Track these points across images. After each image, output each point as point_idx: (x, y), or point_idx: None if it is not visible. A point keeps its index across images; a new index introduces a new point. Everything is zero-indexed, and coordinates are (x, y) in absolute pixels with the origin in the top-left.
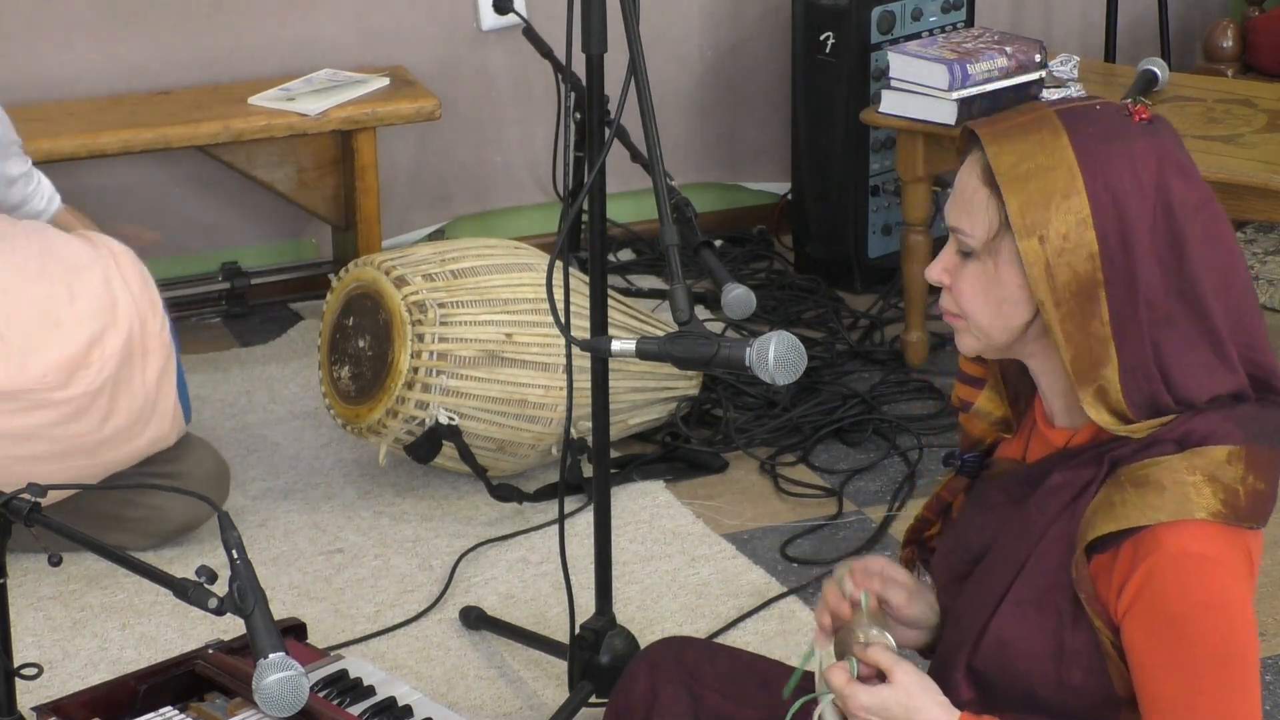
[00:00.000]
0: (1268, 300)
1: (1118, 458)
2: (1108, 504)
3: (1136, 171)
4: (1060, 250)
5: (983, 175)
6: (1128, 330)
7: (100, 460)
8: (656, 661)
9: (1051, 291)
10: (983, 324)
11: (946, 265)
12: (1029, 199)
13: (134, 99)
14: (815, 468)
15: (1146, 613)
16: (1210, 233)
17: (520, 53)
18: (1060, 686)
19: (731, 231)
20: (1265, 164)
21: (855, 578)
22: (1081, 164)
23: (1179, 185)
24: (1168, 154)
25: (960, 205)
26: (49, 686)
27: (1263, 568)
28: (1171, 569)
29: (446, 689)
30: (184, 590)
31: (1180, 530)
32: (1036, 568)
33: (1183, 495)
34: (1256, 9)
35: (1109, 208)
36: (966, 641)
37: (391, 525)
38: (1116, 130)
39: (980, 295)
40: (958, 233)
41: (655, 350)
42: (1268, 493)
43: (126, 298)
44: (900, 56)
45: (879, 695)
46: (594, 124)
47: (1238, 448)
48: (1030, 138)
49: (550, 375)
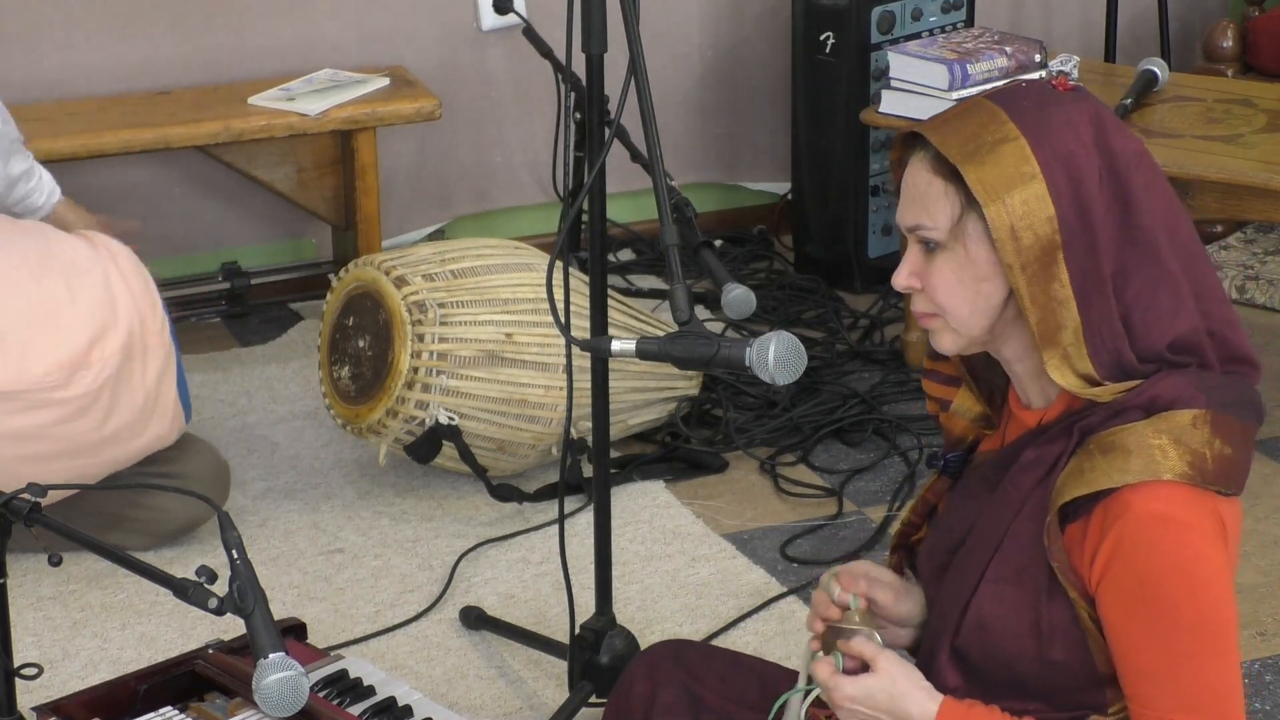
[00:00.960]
0: (1267, 300)
1: (1087, 427)
2: (1077, 471)
3: (1077, 133)
4: (1022, 215)
5: (933, 167)
6: (1088, 287)
7: (101, 459)
8: (655, 663)
9: (1018, 254)
10: (962, 313)
11: (913, 269)
12: (985, 172)
13: (134, 99)
14: (815, 468)
15: (1118, 579)
16: (1150, 182)
17: (520, 53)
18: (1042, 663)
19: (731, 231)
20: (1265, 164)
21: (841, 581)
22: (1025, 134)
23: (1117, 140)
24: (1099, 114)
25: (915, 203)
26: (49, 686)
27: (1262, 568)
28: (1140, 531)
29: (446, 689)
30: (184, 590)
31: (1147, 492)
32: (1012, 545)
33: (1149, 458)
34: (1256, 9)
35: (1059, 171)
36: (948, 625)
37: (391, 525)
38: (1048, 99)
39: (955, 283)
40: (919, 230)
41: (655, 350)
42: (1236, 458)
43: (126, 297)
44: (900, 56)
45: (863, 684)
46: (594, 124)
47: (1203, 411)
48: (971, 121)
49: (550, 375)
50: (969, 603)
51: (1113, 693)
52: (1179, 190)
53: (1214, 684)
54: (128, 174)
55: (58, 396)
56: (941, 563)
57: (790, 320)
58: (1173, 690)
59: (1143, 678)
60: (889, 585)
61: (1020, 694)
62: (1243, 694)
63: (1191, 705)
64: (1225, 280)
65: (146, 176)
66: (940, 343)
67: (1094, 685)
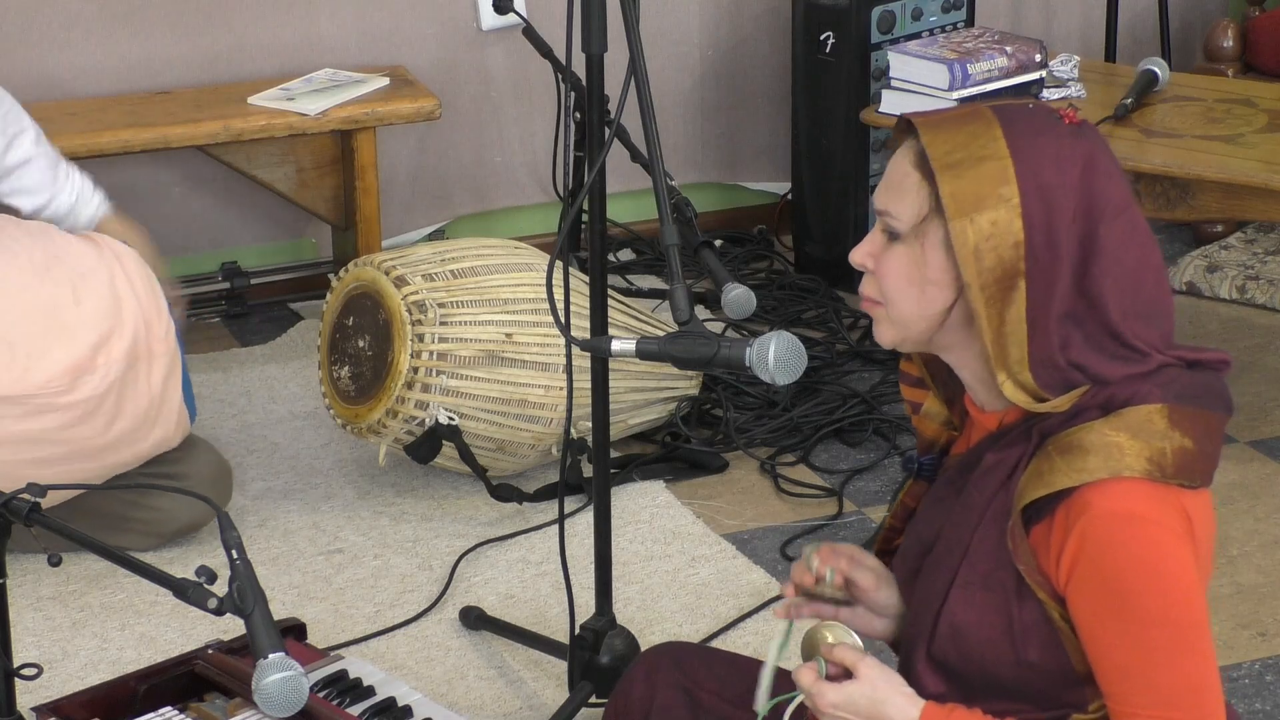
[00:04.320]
0: (1268, 300)
1: (1046, 429)
2: (1036, 473)
3: (1063, 169)
4: (989, 235)
5: (915, 161)
6: (1038, 322)
7: (105, 463)
8: (654, 665)
9: (978, 274)
10: (903, 309)
11: (871, 250)
12: (961, 185)
13: (134, 99)
14: (815, 468)
15: (1084, 578)
16: (1125, 237)
17: (520, 53)
18: (1019, 665)
19: (731, 231)
20: (1265, 164)
21: (822, 554)
22: (1014, 155)
23: (1102, 186)
24: (1093, 157)
25: (891, 189)
26: (49, 686)
27: (1263, 567)
28: (1102, 529)
29: (446, 689)
30: (184, 590)
31: (1108, 489)
32: (979, 549)
33: (1107, 455)
34: (1256, 9)
35: (1036, 200)
36: (923, 631)
37: (391, 525)
38: (1047, 127)
39: (904, 278)
40: (886, 215)
41: (655, 350)
42: (1198, 451)
43: (132, 301)
44: (900, 56)
45: (845, 691)
46: (594, 124)
47: (1160, 406)
48: (965, 129)
49: (550, 375)
50: (941, 609)
51: (1092, 691)
52: (1179, 190)
53: (1188, 678)
54: (127, 174)
55: (62, 401)
56: (914, 567)
57: (790, 320)
58: (1148, 686)
59: (1117, 675)
60: (872, 570)
61: (1000, 695)
62: (1220, 685)
63: (1167, 700)
64: (1225, 280)
65: (146, 176)
66: (880, 334)
67: (1072, 684)
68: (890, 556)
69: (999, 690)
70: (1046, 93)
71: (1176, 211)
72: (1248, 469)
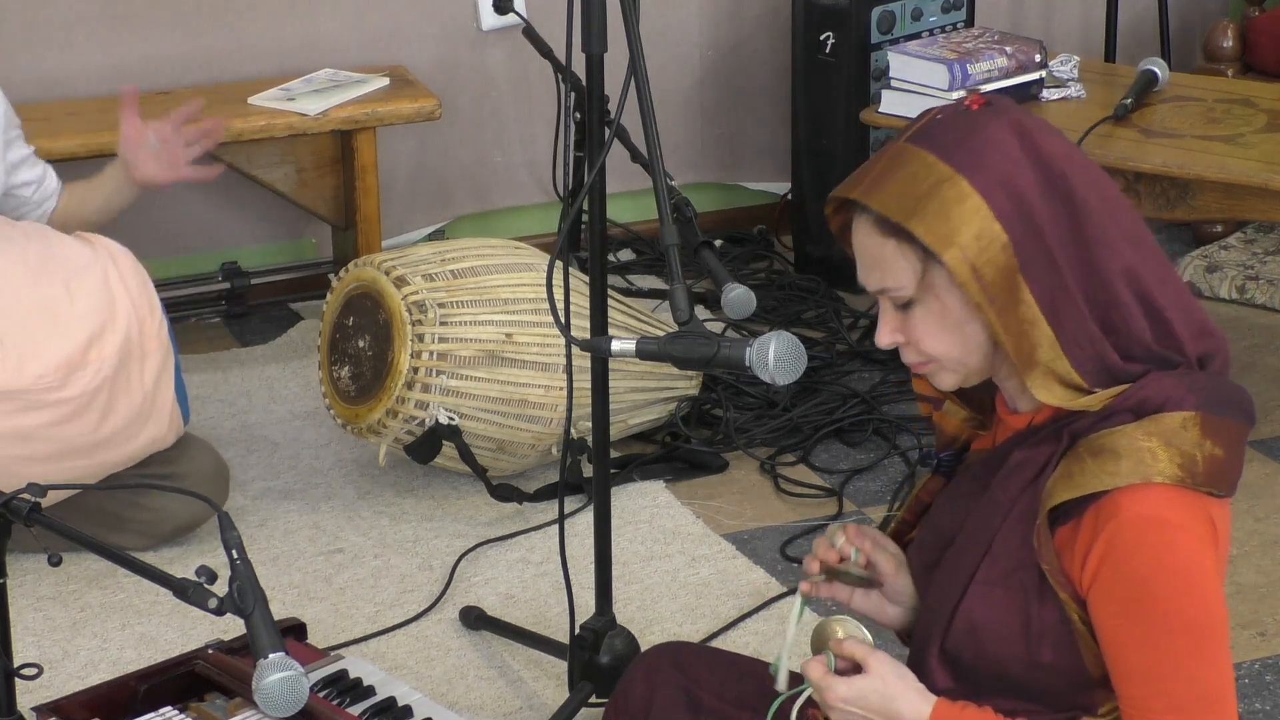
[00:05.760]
0: (1268, 300)
1: (1076, 430)
2: (1066, 474)
3: (1005, 150)
4: (978, 251)
5: (880, 229)
6: (1055, 300)
7: (98, 460)
8: (654, 665)
9: (983, 291)
10: (954, 356)
11: (893, 326)
12: (932, 222)
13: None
14: (815, 468)
15: (1110, 581)
16: (1087, 178)
17: (520, 53)
18: (1032, 665)
19: (731, 231)
20: (1265, 164)
21: (848, 532)
22: (957, 169)
23: (1045, 144)
24: (1020, 122)
25: (874, 268)
26: (49, 686)
27: (1263, 567)
28: (1131, 534)
29: (446, 689)
30: (184, 590)
31: (1139, 495)
32: (1002, 547)
33: (1139, 460)
34: (1256, 9)
35: (1000, 195)
36: (938, 626)
37: (391, 525)
38: (967, 125)
39: (938, 332)
40: (886, 292)
41: (655, 350)
42: (1227, 460)
43: (125, 298)
44: (900, 56)
45: (856, 686)
46: (594, 124)
47: (1193, 414)
48: (899, 174)
49: (550, 375)
50: (958, 605)
51: (1102, 694)
52: (1179, 190)
53: (1206, 685)
54: None
55: (54, 397)
56: (931, 560)
57: (790, 320)
58: (1164, 691)
59: (1135, 679)
60: (893, 556)
61: (1010, 694)
62: (1235, 695)
63: (1183, 706)
64: (1225, 280)
65: None
66: (942, 382)
67: (1083, 687)
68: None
69: (1009, 689)
70: (1046, 93)
71: (1176, 212)
72: (1248, 469)
